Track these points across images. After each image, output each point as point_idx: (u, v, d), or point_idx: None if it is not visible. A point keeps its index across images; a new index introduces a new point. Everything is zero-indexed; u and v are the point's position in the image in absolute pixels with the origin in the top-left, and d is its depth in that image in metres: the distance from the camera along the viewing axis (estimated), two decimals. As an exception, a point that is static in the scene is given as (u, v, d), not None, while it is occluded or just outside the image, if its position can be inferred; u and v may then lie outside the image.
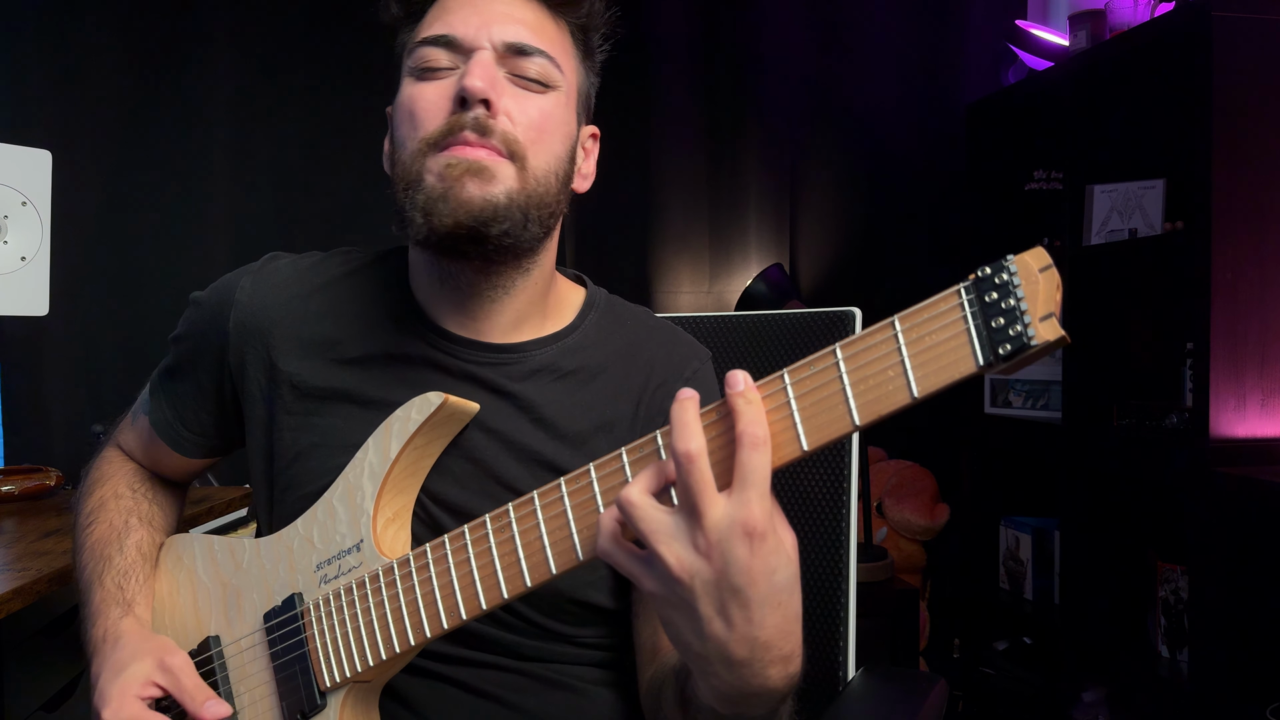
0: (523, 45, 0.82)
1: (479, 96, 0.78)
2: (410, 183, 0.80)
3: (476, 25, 0.81)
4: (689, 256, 2.77)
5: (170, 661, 0.80)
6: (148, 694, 0.79)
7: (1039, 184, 2.60)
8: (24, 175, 1.62)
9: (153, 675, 0.80)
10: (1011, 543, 2.62)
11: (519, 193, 0.80)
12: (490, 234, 0.79)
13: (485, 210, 0.78)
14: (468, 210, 0.77)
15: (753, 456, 0.55)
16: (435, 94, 0.81)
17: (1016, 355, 0.52)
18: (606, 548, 0.60)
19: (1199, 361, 1.89)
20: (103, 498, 0.96)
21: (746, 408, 0.56)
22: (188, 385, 0.95)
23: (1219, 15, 1.84)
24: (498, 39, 0.81)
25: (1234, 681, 1.84)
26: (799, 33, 2.81)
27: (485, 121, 0.79)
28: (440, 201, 0.78)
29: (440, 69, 0.82)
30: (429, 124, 0.80)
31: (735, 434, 0.55)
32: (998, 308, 0.52)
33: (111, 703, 0.78)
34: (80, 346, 2.30)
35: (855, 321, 1.15)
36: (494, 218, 0.78)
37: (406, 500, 0.82)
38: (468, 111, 0.79)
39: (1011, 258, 0.53)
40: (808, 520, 1.13)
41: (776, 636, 0.59)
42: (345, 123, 2.45)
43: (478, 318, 0.87)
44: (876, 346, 0.55)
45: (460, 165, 0.78)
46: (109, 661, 0.82)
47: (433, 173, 0.79)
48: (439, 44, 0.81)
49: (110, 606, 0.87)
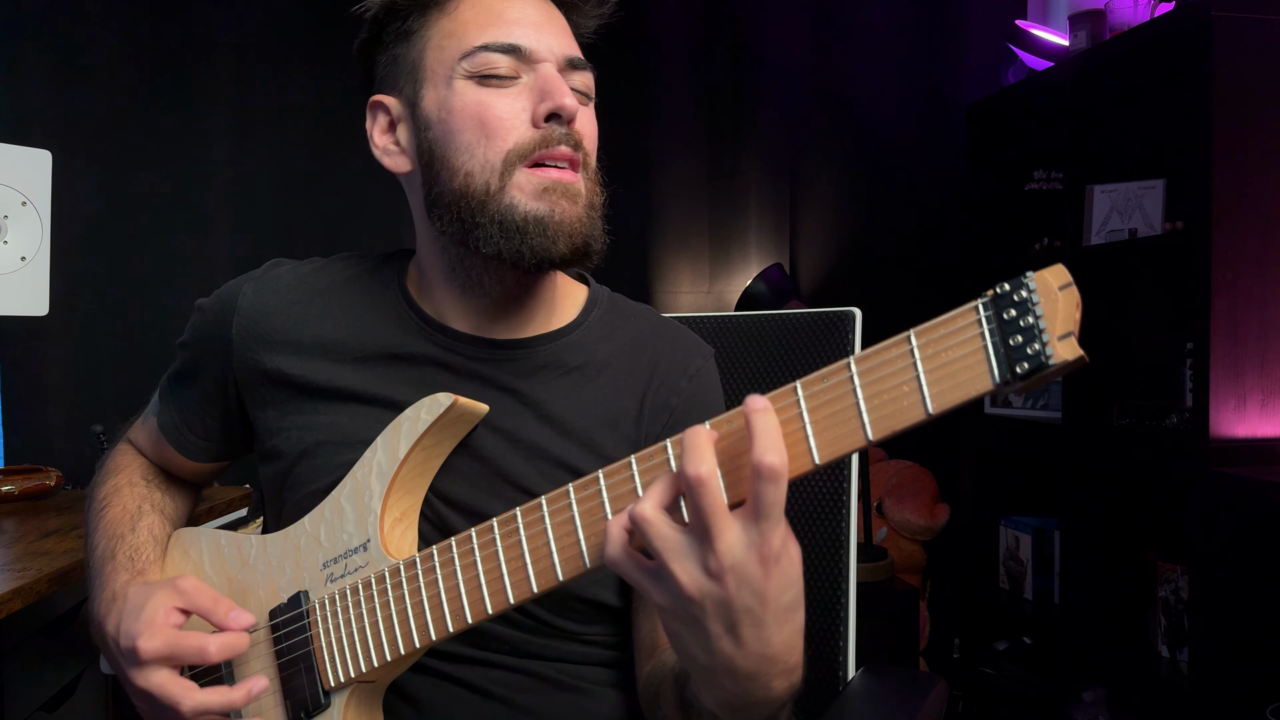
0: (576, 59, 0.84)
1: (573, 114, 0.80)
2: (490, 196, 0.80)
3: (535, 37, 0.82)
4: (689, 256, 2.77)
5: (181, 583, 0.79)
6: (174, 620, 0.78)
7: (1039, 184, 2.60)
8: (24, 175, 1.62)
9: (170, 600, 0.79)
10: (1011, 543, 2.62)
11: (593, 208, 0.83)
12: (592, 250, 0.82)
13: (584, 231, 0.81)
14: (572, 234, 0.80)
15: (769, 489, 0.54)
16: (510, 105, 0.80)
17: (1034, 374, 0.51)
18: (616, 558, 0.60)
19: (1199, 361, 1.89)
20: (117, 485, 0.97)
21: (765, 433, 0.54)
22: (194, 391, 0.95)
23: (1219, 15, 1.85)
24: (559, 52, 0.82)
25: (1234, 681, 1.84)
26: (799, 33, 2.81)
27: (577, 137, 0.81)
28: (549, 225, 0.79)
29: (505, 77, 0.81)
30: (509, 135, 0.80)
31: (752, 462, 0.54)
32: (1016, 325, 0.51)
33: (143, 634, 0.76)
34: (80, 346, 2.30)
35: (855, 321, 1.15)
36: (592, 238, 0.82)
37: (414, 500, 0.82)
38: (559, 128, 0.80)
39: (1031, 274, 0.52)
40: (808, 520, 1.13)
41: (783, 651, 0.59)
42: (345, 123, 2.44)
43: (488, 317, 0.87)
44: (891, 361, 0.55)
45: (556, 189, 0.79)
46: (125, 611, 0.80)
47: (524, 191, 0.79)
48: (505, 51, 0.81)
49: (120, 572, 0.87)
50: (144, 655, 0.76)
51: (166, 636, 0.76)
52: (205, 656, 0.75)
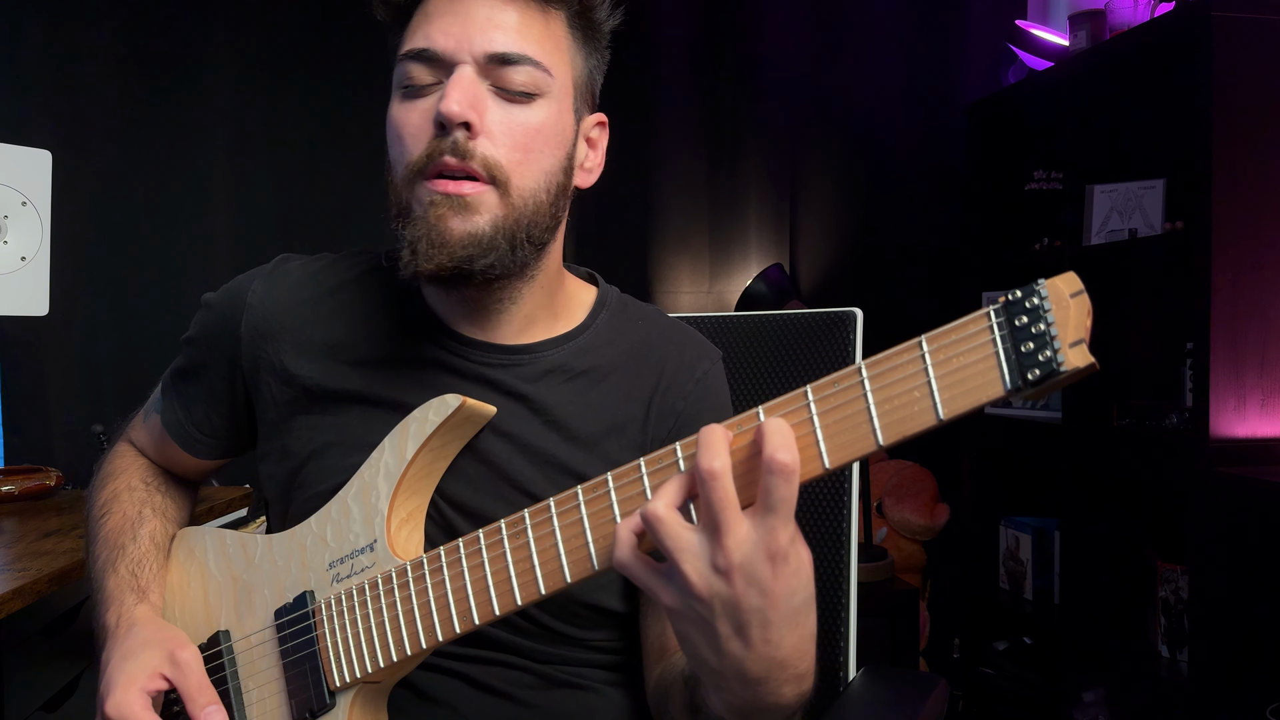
0: (506, 54, 0.77)
1: (456, 121, 0.75)
2: (401, 210, 0.79)
3: (457, 37, 0.77)
4: (689, 256, 2.77)
5: (180, 655, 0.79)
6: (154, 686, 0.78)
7: (1039, 184, 2.60)
8: (24, 175, 1.62)
9: (161, 667, 0.79)
10: (1011, 543, 2.62)
11: (503, 219, 0.78)
12: (474, 270, 0.78)
13: (469, 246, 0.77)
14: (447, 250, 0.76)
15: (780, 485, 0.54)
16: (418, 116, 0.78)
17: (1045, 381, 0.51)
18: (625, 560, 0.60)
19: (1199, 361, 1.89)
20: (116, 490, 0.96)
21: (777, 432, 0.55)
22: (199, 387, 0.95)
23: (1219, 15, 1.85)
24: (479, 50, 0.77)
25: (1234, 681, 1.85)
26: (799, 32, 2.81)
27: (464, 145, 0.76)
28: (423, 240, 0.77)
29: (423, 86, 0.79)
30: (413, 149, 0.78)
31: (764, 459, 0.54)
32: (1028, 332, 0.52)
33: (115, 692, 0.77)
34: (80, 346, 2.30)
35: (855, 322, 1.15)
36: (478, 253, 0.77)
37: (421, 501, 0.82)
38: (447, 137, 0.76)
39: (1043, 281, 0.52)
40: (808, 520, 1.13)
41: (793, 656, 0.59)
42: (345, 123, 2.44)
43: (487, 323, 0.87)
44: (903, 366, 0.55)
45: (443, 201, 0.76)
46: (120, 647, 0.81)
47: (420, 203, 0.78)
48: (420, 59, 0.78)
49: (124, 593, 0.86)
50: (105, 713, 0.77)
51: (131, 712, 0.76)
52: None
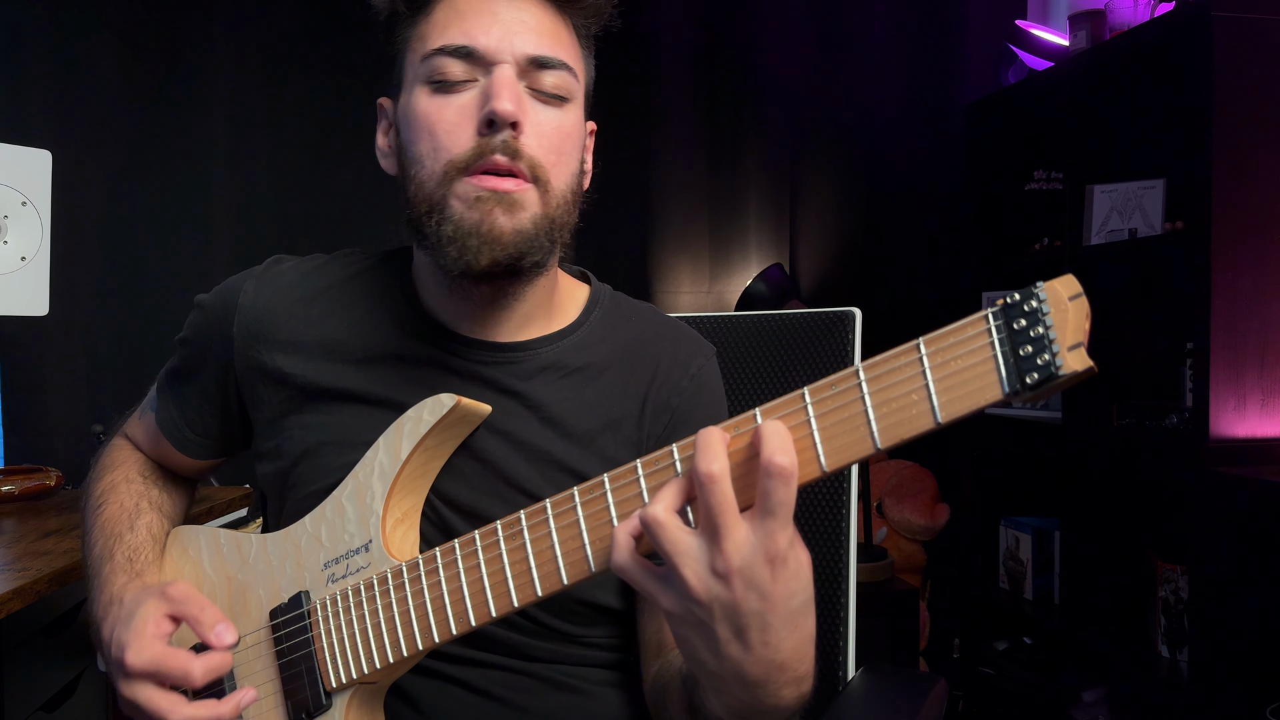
0: (544, 58, 0.79)
1: (509, 120, 0.76)
2: (434, 206, 0.79)
3: (498, 36, 0.78)
4: (689, 256, 2.77)
5: (172, 590, 0.78)
6: (163, 629, 0.77)
7: (1039, 184, 2.60)
8: (24, 175, 1.62)
9: (161, 608, 0.78)
10: (1011, 543, 2.62)
11: (543, 218, 0.79)
12: (524, 266, 0.79)
13: (519, 243, 0.78)
14: (501, 246, 0.77)
15: (778, 488, 0.54)
16: (456, 112, 0.78)
17: (1043, 385, 0.51)
18: (623, 564, 0.60)
19: (1199, 361, 1.89)
20: (114, 481, 0.96)
21: (775, 434, 0.55)
22: (193, 388, 0.95)
23: (1219, 15, 1.85)
24: (519, 52, 0.78)
25: (1234, 681, 1.84)
26: (799, 33, 2.81)
27: (514, 145, 0.77)
28: (473, 236, 0.77)
29: (456, 81, 0.78)
30: (453, 145, 0.78)
31: (761, 462, 0.54)
32: (1026, 335, 0.51)
33: (130, 649, 0.76)
34: (80, 346, 2.30)
35: (855, 321, 1.15)
36: (527, 250, 0.78)
37: (416, 501, 0.82)
38: (496, 135, 0.76)
39: (1041, 284, 0.52)
40: (808, 520, 1.13)
41: (792, 658, 0.59)
42: (345, 122, 2.44)
43: (488, 320, 0.87)
44: (901, 369, 0.54)
45: (491, 199, 0.77)
46: (119, 618, 0.80)
47: (461, 200, 0.77)
48: (458, 55, 0.78)
49: (118, 575, 0.86)
50: (130, 669, 0.75)
51: (153, 653, 0.75)
52: (190, 681, 0.74)
